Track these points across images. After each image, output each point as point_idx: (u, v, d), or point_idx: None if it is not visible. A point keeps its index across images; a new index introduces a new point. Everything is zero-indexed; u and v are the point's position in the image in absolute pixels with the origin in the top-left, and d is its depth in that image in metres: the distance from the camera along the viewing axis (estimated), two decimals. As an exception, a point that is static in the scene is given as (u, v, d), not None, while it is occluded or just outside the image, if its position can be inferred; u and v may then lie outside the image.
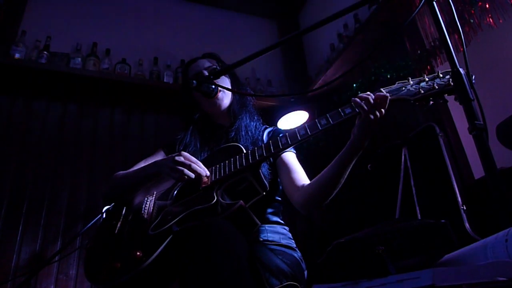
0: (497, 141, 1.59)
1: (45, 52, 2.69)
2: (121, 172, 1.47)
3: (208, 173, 1.23)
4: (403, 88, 1.08)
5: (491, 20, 1.93)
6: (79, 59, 2.79)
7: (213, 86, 1.39)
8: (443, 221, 0.75)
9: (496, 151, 0.83)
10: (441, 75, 1.04)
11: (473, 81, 0.86)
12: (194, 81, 1.29)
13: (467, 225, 1.60)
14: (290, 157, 1.38)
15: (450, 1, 0.96)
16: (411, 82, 1.08)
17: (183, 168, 1.18)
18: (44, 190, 2.45)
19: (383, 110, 1.06)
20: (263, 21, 3.91)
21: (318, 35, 3.44)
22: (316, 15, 3.64)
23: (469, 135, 0.79)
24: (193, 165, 1.20)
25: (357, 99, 1.07)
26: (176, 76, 3.06)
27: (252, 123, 1.48)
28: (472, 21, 1.99)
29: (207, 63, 1.52)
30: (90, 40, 2.95)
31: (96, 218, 2.10)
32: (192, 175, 1.19)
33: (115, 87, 2.81)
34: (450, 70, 0.99)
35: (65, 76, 2.65)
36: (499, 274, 0.55)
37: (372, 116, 1.05)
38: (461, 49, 0.89)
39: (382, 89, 1.10)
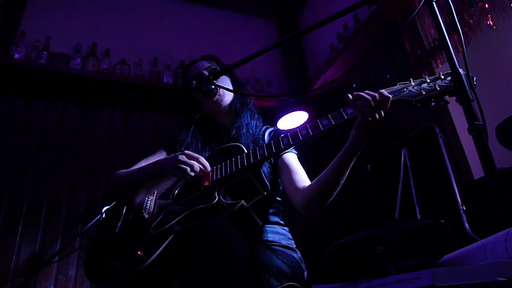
0: (497, 141, 1.60)
1: (45, 53, 2.69)
2: (122, 170, 1.46)
3: (209, 168, 1.23)
4: (405, 89, 1.08)
5: (490, 21, 1.93)
6: (79, 59, 2.79)
7: (213, 86, 1.39)
8: (442, 221, 0.75)
9: (495, 151, 0.83)
10: (442, 77, 1.04)
11: (474, 83, 0.86)
12: (193, 82, 1.29)
13: (466, 225, 1.60)
14: (291, 158, 1.38)
15: (450, 1, 0.96)
16: (413, 83, 1.08)
17: (186, 166, 1.18)
18: (44, 190, 2.45)
19: (383, 112, 1.04)
20: (262, 21, 3.92)
21: (318, 35, 3.44)
22: (315, 15, 3.64)
23: (468, 135, 0.79)
24: (196, 164, 1.20)
25: (355, 103, 1.04)
26: (175, 76, 3.06)
27: (253, 121, 1.48)
28: (471, 21, 2.00)
29: (206, 64, 1.53)
30: (90, 41, 2.95)
31: (95, 219, 2.10)
32: (197, 168, 1.19)
33: (115, 88, 2.81)
34: (451, 71, 0.99)
35: (64, 76, 2.65)
36: (498, 274, 0.55)
37: (370, 118, 1.03)
38: (461, 49, 0.89)
39: (383, 90, 1.09)
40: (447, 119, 2.09)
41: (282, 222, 1.39)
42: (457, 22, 0.95)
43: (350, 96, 1.05)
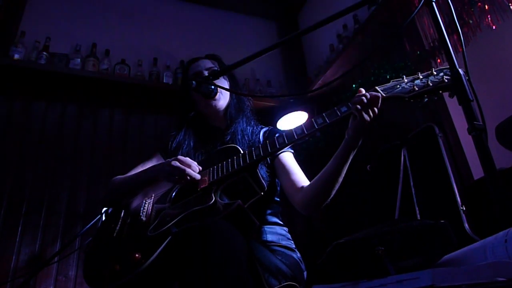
0: (496, 141, 1.60)
1: (44, 53, 2.69)
2: (119, 176, 1.47)
3: (199, 177, 1.24)
4: (398, 86, 1.09)
5: (490, 21, 1.93)
6: (79, 59, 2.79)
7: (212, 87, 1.38)
8: (442, 221, 0.75)
9: (495, 151, 0.83)
10: (435, 73, 1.04)
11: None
12: (193, 82, 1.29)
13: (466, 225, 1.60)
14: (287, 157, 1.38)
15: (449, 1, 0.96)
16: (406, 80, 1.09)
17: (180, 173, 1.19)
18: (43, 191, 2.45)
19: (375, 109, 1.06)
20: (262, 22, 3.92)
21: (318, 35, 3.44)
22: (315, 16, 3.64)
23: (468, 135, 0.79)
24: (188, 170, 1.21)
25: (353, 105, 1.08)
26: (175, 76, 3.06)
27: (248, 127, 1.47)
28: (471, 21, 2.00)
29: (208, 64, 1.52)
30: (90, 41, 2.95)
31: (95, 219, 2.10)
32: (194, 175, 1.20)
33: (115, 88, 2.81)
34: (444, 67, 1.00)
35: (64, 77, 2.65)
36: (498, 275, 0.55)
37: (366, 116, 1.05)
38: (460, 49, 0.89)
39: (377, 87, 1.10)
40: (446, 119, 2.09)
41: (281, 222, 1.38)
42: (457, 22, 0.95)
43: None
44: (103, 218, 1.43)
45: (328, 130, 1.16)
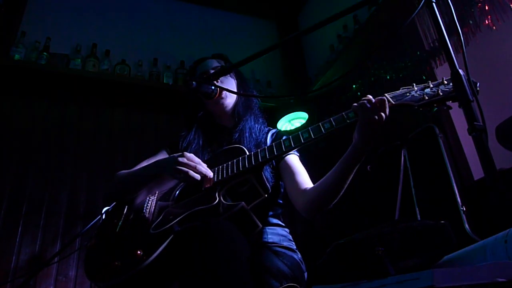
0: (497, 142, 1.60)
1: (45, 53, 2.69)
2: (123, 171, 1.46)
3: (211, 174, 1.22)
4: (408, 94, 1.08)
5: (490, 22, 1.93)
6: (79, 60, 2.79)
7: (213, 87, 1.38)
8: (442, 222, 0.75)
9: (495, 152, 0.83)
10: (445, 82, 1.04)
11: (477, 89, 0.86)
12: (193, 83, 1.29)
13: (466, 226, 1.60)
14: (293, 159, 1.37)
15: (450, 2, 0.96)
16: (416, 88, 1.08)
17: (186, 169, 1.17)
18: (44, 191, 2.45)
19: (382, 114, 1.05)
20: (262, 22, 3.92)
21: (318, 36, 3.44)
22: (315, 16, 3.64)
23: (468, 136, 0.79)
24: (198, 166, 1.19)
25: (356, 104, 1.07)
26: (175, 77, 3.06)
27: (256, 125, 1.46)
28: (471, 22, 2.00)
29: (215, 63, 1.52)
30: (90, 41, 2.95)
31: (95, 219, 2.10)
32: (197, 176, 1.18)
33: (115, 88, 2.81)
34: (451, 72, 0.99)
35: (64, 77, 2.65)
36: (498, 275, 0.56)
37: (369, 119, 1.04)
38: (461, 50, 0.89)
39: (386, 95, 1.09)
40: (447, 120, 2.09)
41: (283, 224, 1.38)
42: (457, 23, 0.95)
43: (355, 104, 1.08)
44: (104, 217, 1.42)
45: (334, 133, 1.16)
